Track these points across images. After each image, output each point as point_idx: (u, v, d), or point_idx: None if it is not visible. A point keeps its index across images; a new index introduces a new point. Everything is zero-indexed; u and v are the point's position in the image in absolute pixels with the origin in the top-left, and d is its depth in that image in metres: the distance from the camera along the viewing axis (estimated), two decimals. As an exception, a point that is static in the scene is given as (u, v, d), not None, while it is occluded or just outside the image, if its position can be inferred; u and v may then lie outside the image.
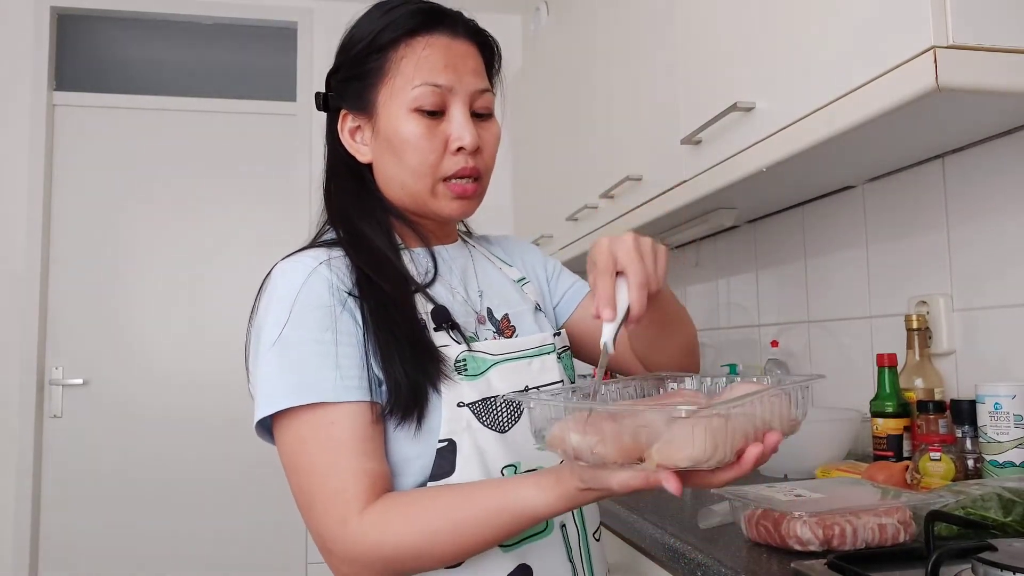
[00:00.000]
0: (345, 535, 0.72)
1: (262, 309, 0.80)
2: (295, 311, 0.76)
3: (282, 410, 0.74)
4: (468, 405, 0.79)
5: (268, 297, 0.80)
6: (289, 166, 3.17)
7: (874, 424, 1.33)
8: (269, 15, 3.19)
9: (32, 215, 2.93)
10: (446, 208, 0.87)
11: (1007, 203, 1.24)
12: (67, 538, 2.89)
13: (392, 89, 0.84)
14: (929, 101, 0.94)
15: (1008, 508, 0.87)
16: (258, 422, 0.77)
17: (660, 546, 1.01)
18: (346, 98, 0.88)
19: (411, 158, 0.84)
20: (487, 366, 0.82)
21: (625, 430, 0.61)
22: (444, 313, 0.83)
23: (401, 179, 0.86)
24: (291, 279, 0.79)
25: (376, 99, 0.85)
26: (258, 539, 3.02)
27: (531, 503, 0.69)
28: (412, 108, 0.83)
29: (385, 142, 0.85)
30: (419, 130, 0.83)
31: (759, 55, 1.27)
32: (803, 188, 1.65)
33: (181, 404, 3.01)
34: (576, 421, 0.62)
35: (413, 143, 0.83)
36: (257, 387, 0.77)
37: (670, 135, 1.58)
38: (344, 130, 0.89)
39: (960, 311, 1.33)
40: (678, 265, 2.48)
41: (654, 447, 0.60)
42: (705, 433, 0.58)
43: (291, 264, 0.81)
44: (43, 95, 2.98)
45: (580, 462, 0.62)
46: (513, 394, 0.77)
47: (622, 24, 1.92)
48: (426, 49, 0.84)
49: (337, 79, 0.89)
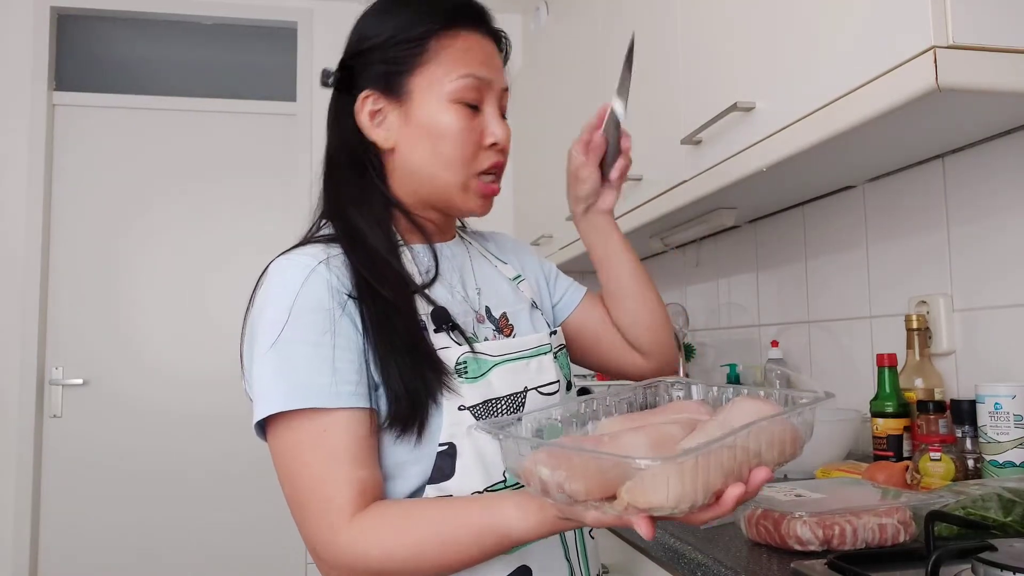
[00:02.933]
0: (335, 543, 0.71)
1: (258, 307, 0.78)
2: (293, 313, 0.74)
3: (276, 414, 0.74)
4: (469, 408, 0.78)
5: (265, 295, 0.78)
6: (289, 166, 3.17)
7: (874, 424, 1.33)
8: (269, 15, 3.19)
9: (32, 215, 2.93)
10: (472, 203, 0.86)
11: (1007, 203, 1.24)
12: (67, 538, 2.89)
13: (431, 77, 0.83)
14: (929, 101, 0.94)
15: (1008, 508, 0.87)
16: (257, 423, 0.77)
17: (660, 546, 1.01)
18: (372, 80, 0.85)
19: (449, 149, 0.83)
20: (488, 367, 0.81)
21: (594, 465, 0.57)
22: (444, 315, 0.81)
23: (431, 170, 0.84)
24: (289, 279, 0.77)
25: (410, 85, 0.83)
26: (258, 538, 3.02)
27: (514, 527, 0.69)
28: (453, 99, 0.83)
29: (419, 130, 0.83)
30: (461, 122, 0.83)
31: (759, 55, 1.27)
32: (803, 188, 1.65)
33: (181, 403, 3.01)
34: (548, 454, 0.60)
35: (453, 134, 0.82)
36: (253, 389, 0.76)
37: (670, 135, 1.58)
38: (363, 112, 0.85)
39: (960, 311, 1.33)
40: (678, 265, 2.48)
41: (623, 487, 0.57)
42: (678, 478, 0.55)
43: (289, 262, 0.79)
44: (43, 95, 2.98)
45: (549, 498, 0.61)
46: (486, 424, 0.72)
47: (622, 24, 1.92)
48: (466, 42, 0.84)
49: (363, 60, 0.85)
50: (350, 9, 0.93)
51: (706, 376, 2.34)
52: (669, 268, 2.58)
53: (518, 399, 0.82)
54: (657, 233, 2.10)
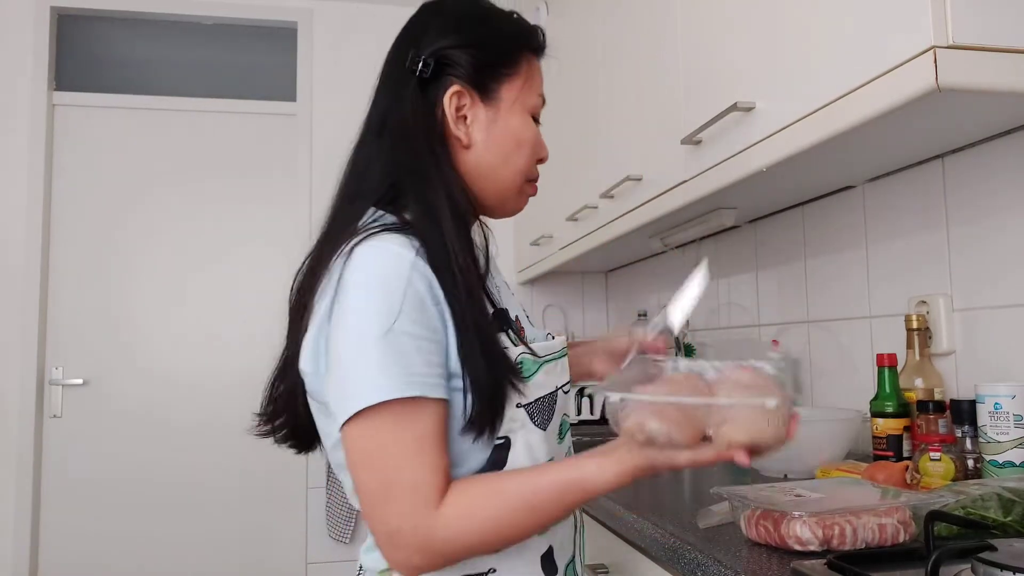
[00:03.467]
0: (429, 525, 0.73)
1: (352, 293, 0.77)
2: (405, 306, 0.75)
3: (384, 403, 0.73)
4: (524, 406, 0.83)
5: (364, 282, 0.77)
6: (289, 166, 3.17)
7: (874, 424, 1.33)
8: (269, 15, 3.19)
9: (32, 215, 2.93)
10: (520, 205, 0.96)
11: (1007, 203, 1.24)
12: (67, 538, 2.89)
13: (517, 90, 0.91)
14: (929, 101, 0.94)
15: (1008, 508, 0.87)
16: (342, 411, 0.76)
17: (660, 546, 1.01)
18: (466, 75, 0.88)
19: (521, 158, 0.91)
20: (536, 367, 0.85)
21: (683, 415, 0.71)
22: (505, 316, 0.87)
23: (500, 172, 0.90)
24: (392, 269, 0.76)
25: (501, 91, 0.90)
26: (259, 539, 3.02)
27: (595, 480, 0.76)
28: (532, 114, 0.93)
29: (504, 136, 0.90)
30: (535, 136, 0.93)
31: (759, 55, 1.27)
32: (803, 188, 1.65)
33: (181, 404, 3.01)
34: (650, 410, 0.72)
35: (529, 146, 0.92)
36: (348, 375, 0.75)
37: (670, 135, 1.58)
38: (451, 105, 0.87)
39: (960, 311, 1.33)
40: (678, 265, 2.48)
41: (719, 430, 0.71)
42: (765, 418, 0.70)
43: (387, 252, 0.78)
44: (43, 95, 2.98)
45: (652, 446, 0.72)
46: (607, 384, 0.78)
47: (622, 24, 1.92)
48: (537, 67, 0.95)
49: (461, 53, 0.88)
50: (350, 9, 0.93)
51: (706, 376, 2.33)
52: (669, 268, 2.58)
53: (553, 397, 0.87)
54: (657, 233, 2.10)
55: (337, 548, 3.02)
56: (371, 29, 3.23)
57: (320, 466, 3.01)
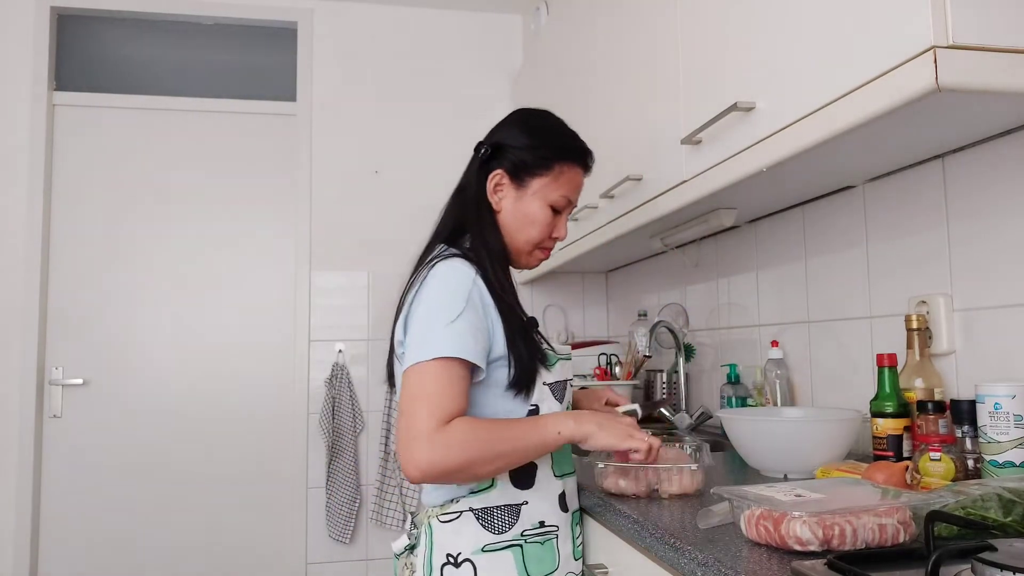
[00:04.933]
0: (443, 431, 1.04)
1: (435, 293, 1.13)
2: (468, 303, 1.12)
3: (439, 357, 1.07)
4: (548, 385, 1.21)
5: (443, 288, 1.13)
6: (289, 166, 3.17)
7: (874, 424, 1.33)
8: (269, 15, 3.19)
9: (32, 215, 2.93)
10: (530, 263, 1.32)
11: (1007, 203, 1.24)
12: (67, 537, 2.89)
13: (546, 185, 1.26)
14: (929, 101, 0.94)
15: (1008, 508, 0.87)
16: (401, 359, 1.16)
17: (660, 545, 1.01)
18: (509, 167, 1.27)
19: (530, 232, 1.28)
20: (555, 361, 1.23)
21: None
22: (535, 322, 1.25)
23: (516, 236, 1.28)
24: (462, 281, 1.14)
25: (531, 183, 1.26)
26: (258, 538, 3.02)
27: (555, 428, 1.12)
28: (549, 204, 1.27)
29: (521, 212, 1.27)
30: (547, 220, 1.28)
31: (759, 55, 1.27)
32: (803, 188, 1.65)
33: (181, 404, 3.01)
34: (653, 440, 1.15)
35: (539, 226, 1.27)
36: (423, 339, 1.09)
37: (670, 135, 1.58)
38: (491, 182, 1.27)
39: (960, 311, 1.33)
40: (678, 265, 2.48)
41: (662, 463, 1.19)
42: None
43: (458, 270, 1.15)
44: (43, 95, 2.98)
45: (640, 432, 1.15)
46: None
47: (622, 24, 1.92)
48: (574, 174, 1.29)
49: (510, 149, 1.27)
50: (350, 9, 0.93)
51: (706, 376, 2.34)
52: (669, 268, 2.58)
53: (565, 384, 1.25)
54: (657, 233, 2.10)
55: (337, 548, 3.02)
56: (371, 29, 3.23)
57: (320, 466, 3.01)
